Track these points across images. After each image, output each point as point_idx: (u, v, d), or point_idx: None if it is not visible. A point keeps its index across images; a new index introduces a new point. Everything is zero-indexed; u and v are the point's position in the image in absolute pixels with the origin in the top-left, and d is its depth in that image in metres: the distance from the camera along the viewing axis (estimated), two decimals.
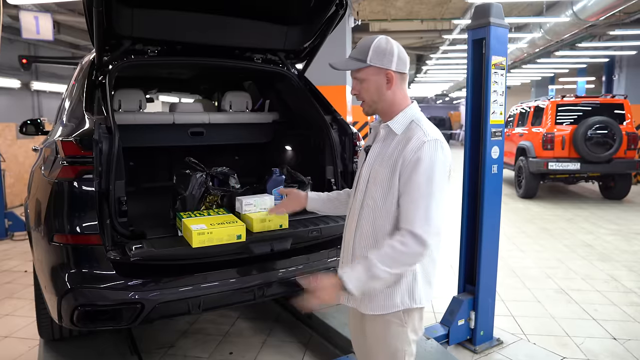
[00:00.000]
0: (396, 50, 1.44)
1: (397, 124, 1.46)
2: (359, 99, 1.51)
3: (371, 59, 1.43)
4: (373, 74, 1.44)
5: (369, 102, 1.49)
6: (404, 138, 1.43)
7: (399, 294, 1.46)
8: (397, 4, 9.84)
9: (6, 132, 7.55)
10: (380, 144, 1.50)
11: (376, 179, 1.45)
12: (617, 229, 6.04)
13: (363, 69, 1.45)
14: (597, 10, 7.29)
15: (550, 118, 7.83)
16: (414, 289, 1.47)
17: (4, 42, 7.17)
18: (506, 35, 2.75)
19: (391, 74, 1.44)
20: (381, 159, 1.46)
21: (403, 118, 1.46)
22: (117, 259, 1.91)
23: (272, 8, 2.60)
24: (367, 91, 1.47)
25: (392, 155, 1.43)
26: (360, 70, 1.45)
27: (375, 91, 1.46)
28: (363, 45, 1.45)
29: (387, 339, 1.49)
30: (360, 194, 1.51)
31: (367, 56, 1.43)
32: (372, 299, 1.47)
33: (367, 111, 1.52)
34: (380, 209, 1.44)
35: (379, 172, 1.45)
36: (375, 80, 1.45)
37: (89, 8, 2.00)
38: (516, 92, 25.88)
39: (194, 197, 2.18)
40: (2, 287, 4.03)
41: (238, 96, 3.25)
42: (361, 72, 1.45)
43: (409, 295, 1.47)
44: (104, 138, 1.94)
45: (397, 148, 1.43)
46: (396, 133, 1.45)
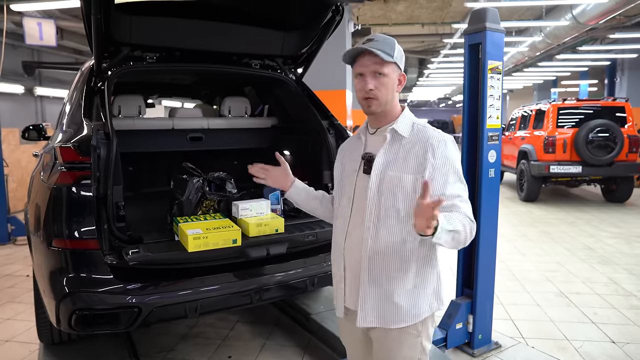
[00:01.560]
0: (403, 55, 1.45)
1: (402, 127, 1.42)
2: (373, 95, 1.39)
3: (396, 57, 1.39)
4: (394, 71, 1.41)
5: (382, 100, 1.41)
6: (417, 141, 1.39)
7: (425, 299, 1.43)
8: (398, 8, 9.88)
9: (10, 137, 7.61)
10: (386, 150, 1.42)
11: (394, 186, 1.38)
12: (619, 232, 6.02)
13: (389, 63, 1.39)
14: (596, 14, 7.32)
15: (552, 121, 7.83)
16: (440, 290, 1.48)
17: (7, 48, 7.24)
18: (502, 40, 2.76)
19: (404, 76, 1.45)
20: (395, 165, 1.39)
21: (405, 121, 1.44)
22: (114, 264, 1.93)
23: (269, 14, 2.63)
24: (385, 87, 1.40)
25: (412, 159, 1.37)
26: (386, 64, 1.38)
27: (391, 90, 1.41)
28: (387, 40, 1.39)
29: (402, 351, 1.44)
30: (371, 205, 1.40)
31: (394, 52, 1.39)
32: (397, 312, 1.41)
33: (375, 109, 1.42)
34: (406, 217, 1.37)
35: (397, 178, 1.38)
36: (394, 79, 1.41)
37: (88, 15, 2.03)
38: (518, 95, 25.86)
39: (190, 202, 2.20)
40: (4, 291, 4.06)
41: (237, 102, 3.28)
42: (387, 66, 1.38)
43: (437, 297, 1.47)
44: (101, 144, 1.97)
45: (414, 150, 1.38)
46: (404, 136, 1.41)
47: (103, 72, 2.39)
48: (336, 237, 1.54)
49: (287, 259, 2.25)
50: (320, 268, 2.34)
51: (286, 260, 2.25)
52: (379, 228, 1.40)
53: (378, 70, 1.37)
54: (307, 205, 1.72)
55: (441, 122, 30.44)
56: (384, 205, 1.39)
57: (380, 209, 1.40)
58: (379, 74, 1.38)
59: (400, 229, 1.39)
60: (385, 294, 1.41)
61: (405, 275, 1.41)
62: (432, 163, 1.35)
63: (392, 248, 1.39)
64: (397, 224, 1.39)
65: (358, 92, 1.43)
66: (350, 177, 1.50)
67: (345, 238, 1.48)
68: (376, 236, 1.40)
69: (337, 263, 1.53)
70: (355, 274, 1.45)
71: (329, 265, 2.36)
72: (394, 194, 1.38)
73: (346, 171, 1.54)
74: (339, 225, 1.53)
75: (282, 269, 2.23)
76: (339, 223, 1.53)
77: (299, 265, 2.29)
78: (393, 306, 1.40)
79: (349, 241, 1.47)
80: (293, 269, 2.27)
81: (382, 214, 1.39)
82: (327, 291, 3.34)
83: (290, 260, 2.27)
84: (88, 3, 1.95)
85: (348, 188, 1.50)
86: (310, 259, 2.33)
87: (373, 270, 1.41)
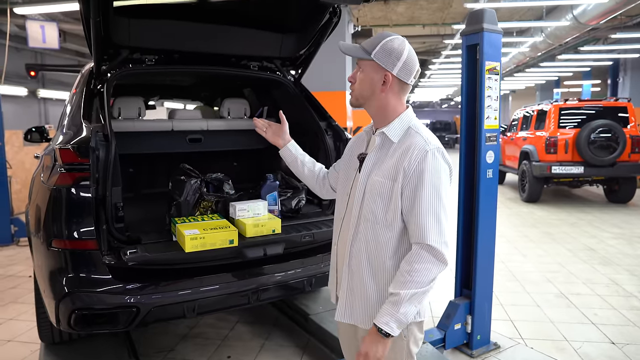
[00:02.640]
0: (404, 57, 1.37)
1: (393, 131, 1.40)
2: (351, 87, 1.47)
3: (376, 55, 1.37)
4: (372, 69, 1.39)
5: (356, 94, 1.44)
6: (402, 146, 1.37)
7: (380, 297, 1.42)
8: (398, 9, 9.90)
9: (13, 139, 7.66)
10: (376, 153, 1.42)
11: (375, 190, 1.38)
12: (621, 232, 6.00)
13: (365, 60, 1.40)
14: (596, 14, 7.31)
15: (554, 122, 7.81)
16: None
17: (11, 51, 7.30)
18: (499, 40, 2.77)
19: (389, 76, 1.38)
20: (379, 169, 1.39)
21: (399, 124, 1.40)
22: (112, 264, 1.95)
23: (267, 17, 2.65)
24: (360, 82, 1.42)
25: (392, 165, 1.36)
26: (362, 60, 1.42)
27: (368, 87, 1.40)
28: (376, 39, 1.41)
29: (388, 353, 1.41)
30: (356, 205, 1.43)
31: (374, 50, 1.38)
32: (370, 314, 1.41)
33: (352, 102, 1.49)
34: (381, 222, 1.38)
35: (378, 183, 1.38)
36: (372, 77, 1.39)
37: (87, 19, 2.06)
38: (521, 96, 25.83)
39: (188, 202, 2.22)
40: (7, 292, 4.09)
41: (236, 103, 3.30)
42: (363, 63, 1.41)
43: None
44: (100, 145, 1.99)
45: (396, 157, 1.36)
46: (392, 141, 1.39)
47: (102, 74, 2.41)
48: (334, 228, 1.59)
49: (284, 260, 2.26)
50: (318, 268, 2.35)
51: (284, 260, 2.26)
52: (357, 230, 1.42)
53: (360, 65, 1.43)
54: (295, 168, 1.79)
55: (444, 123, 30.51)
56: (365, 208, 1.40)
57: (361, 212, 1.41)
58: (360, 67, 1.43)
59: (376, 235, 1.39)
60: (360, 294, 1.43)
61: (380, 279, 1.40)
62: (406, 169, 1.32)
63: (367, 251, 1.41)
64: (373, 229, 1.39)
65: None
66: (350, 174, 1.53)
67: (339, 231, 1.53)
68: (356, 237, 1.43)
69: (333, 252, 1.58)
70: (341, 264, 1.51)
71: (326, 265, 2.38)
72: (374, 198, 1.38)
73: (349, 167, 1.57)
74: (336, 219, 1.58)
75: (279, 270, 2.24)
76: (336, 217, 1.58)
77: (297, 265, 2.30)
78: (366, 307, 1.42)
79: (341, 235, 1.52)
80: (290, 270, 2.28)
81: (362, 216, 1.41)
82: (326, 292, 3.35)
83: (288, 261, 2.28)
84: (87, 6, 1.97)
85: (346, 184, 1.53)
86: (308, 260, 2.34)
87: (351, 269, 1.45)
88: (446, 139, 28.02)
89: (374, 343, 1.31)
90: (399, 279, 1.32)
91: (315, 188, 1.79)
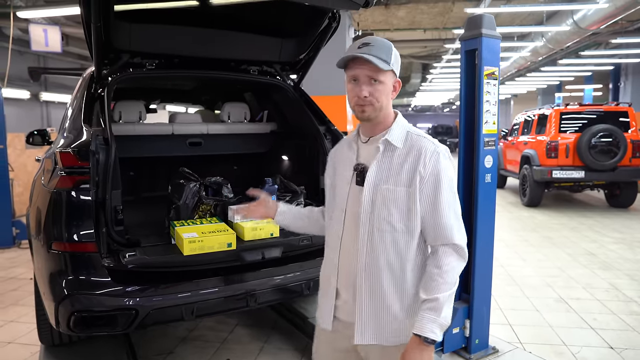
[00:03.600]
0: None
1: (395, 137, 1.36)
2: (368, 102, 1.33)
3: (393, 64, 1.33)
4: (390, 78, 1.35)
5: (377, 106, 1.34)
6: (411, 151, 1.34)
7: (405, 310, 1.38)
8: (399, 13, 9.93)
9: (15, 142, 7.70)
10: (379, 162, 1.36)
11: (388, 199, 1.33)
12: (622, 237, 5.99)
13: (386, 71, 1.33)
14: (597, 19, 7.33)
15: (554, 126, 7.82)
16: None
17: (14, 54, 7.35)
18: (498, 46, 2.78)
19: (399, 82, 1.39)
20: (387, 177, 1.34)
21: (399, 129, 1.38)
22: (112, 266, 1.96)
23: (267, 21, 2.67)
24: (380, 94, 1.34)
25: (406, 171, 1.33)
26: (383, 71, 1.32)
27: (386, 97, 1.35)
28: (385, 46, 1.34)
29: None
30: (364, 219, 1.35)
31: (391, 59, 1.33)
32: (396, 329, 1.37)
33: (369, 115, 1.36)
34: (400, 230, 1.34)
35: (391, 191, 1.33)
36: (389, 86, 1.36)
37: (88, 23, 2.08)
38: (522, 100, 25.85)
39: (187, 206, 2.23)
40: (8, 294, 4.11)
41: (236, 107, 3.32)
42: (383, 73, 1.32)
43: None
44: (100, 149, 2.01)
45: (408, 163, 1.33)
46: (397, 147, 1.35)
47: (103, 78, 2.44)
48: (329, 250, 1.48)
49: (282, 263, 2.27)
50: (316, 272, 2.35)
51: (282, 264, 2.27)
52: (373, 243, 1.35)
53: (374, 76, 1.32)
54: (296, 226, 1.68)
55: (445, 127, 30.54)
56: (378, 219, 1.34)
57: (374, 224, 1.34)
58: (374, 80, 1.32)
59: (396, 244, 1.34)
60: (383, 310, 1.36)
61: (402, 290, 1.36)
62: (422, 172, 1.31)
63: (387, 263, 1.35)
64: (392, 239, 1.34)
65: (351, 98, 1.37)
66: (343, 188, 1.44)
67: (339, 252, 1.42)
68: (372, 251, 1.35)
69: (328, 277, 1.47)
70: (350, 288, 1.40)
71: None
72: (388, 208, 1.33)
73: (338, 181, 1.47)
74: (331, 238, 1.47)
75: (277, 273, 2.25)
76: (332, 236, 1.47)
77: (295, 269, 2.31)
78: (391, 323, 1.36)
79: (343, 255, 1.41)
80: (289, 273, 2.29)
81: (377, 228, 1.34)
82: None
83: (286, 264, 2.29)
84: (88, 11, 1.99)
85: (340, 200, 1.44)
86: (306, 263, 2.35)
87: (370, 286, 1.36)
88: (448, 143, 28.00)
89: (420, 353, 1.28)
90: (431, 284, 1.30)
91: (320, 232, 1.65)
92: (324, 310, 1.48)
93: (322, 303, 1.50)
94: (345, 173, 1.44)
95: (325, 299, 1.48)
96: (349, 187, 1.41)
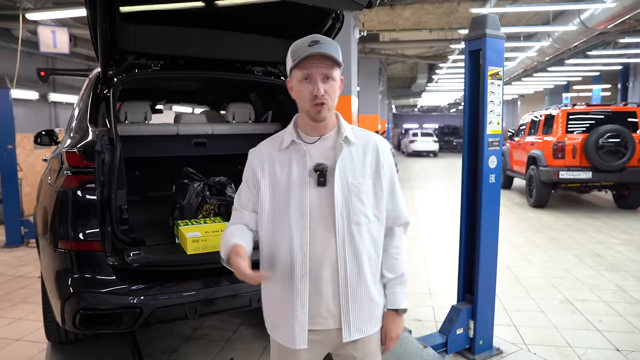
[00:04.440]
0: None
1: (350, 133, 1.38)
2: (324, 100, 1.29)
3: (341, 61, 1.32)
4: (339, 75, 1.35)
5: (331, 105, 1.32)
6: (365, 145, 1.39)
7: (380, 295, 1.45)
8: (404, 14, 9.92)
9: (24, 142, 7.79)
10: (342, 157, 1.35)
11: (361, 193, 1.36)
12: (629, 238, 5.94)
13: (338, 67, 1.32)
14: (604, 18, 7.28)
15: (561, 126, 7.77)
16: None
17: (23, 55, 7.44)
18: (502, 46, 2.78)
19: (342, 79, 1.37)
20: (354, 172, 1.36)
21: (347, 125, 1.40)
22: (116, 265, 1.99)
23: (271, 22, 2.68)
24: (334, 92, 1.33)
25: (367, 164, 1.38)
26: (336, 68, 1.31)
27: (337, 94, 1.35)
28: (333, 43, 1.31)
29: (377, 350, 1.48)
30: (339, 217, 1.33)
31: (339, 55, 1.32)
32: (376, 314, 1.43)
33: (324, 116, 1.32)
34: (374, 221, 1.39)
35: (362, 184, 1.36)
36: (339, 83, 1.34)
37: (94, 25, 2.11)
38: (530, 100, 25.69)
39: (191, 205, 2.25)
40: (16, 292, 4.16)
41: (241, 107, 3.33)
42: (336, 70, 1.32)
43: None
44: (106, 149, 2.03)
45: (367, 155, 1.39)
46: (354, 142, 1.38)
47: (109, 79, 2.46)
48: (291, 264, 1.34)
49: None
50: None
51: None
52: (353, 239, 1.34)
53: (328, 74, 1.29)
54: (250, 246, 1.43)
55: (452, 128, 30.36)
56: (354, 214, 1.34)
57: (350, 220, 1.34)
58: (327, 78, 1.30)
59: (371, 235, 1.39)
60: (366, 302, 1.40)
61: (376, 277, 1.44)
62: (382, 163, 1.40)
63: (367, 255, 1.38)
64: (368, 230, 1.38)
65: (306, 97, 1.30)
66: (300, 191, 1.34)
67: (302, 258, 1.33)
68: (351, 247, 1.34)
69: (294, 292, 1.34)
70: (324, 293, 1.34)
71: None
72: (361, 200, 1.36)
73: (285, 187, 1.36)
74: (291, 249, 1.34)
75: None
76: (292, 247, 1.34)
77: None
78: (373, 310, 1.42)
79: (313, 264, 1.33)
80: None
81: (354, 223, 1.35)
82: None
83: None
84: (94, 13, 2.02)
85: (299, 206, 1.33)
86: None
87: (353, 282, 1.36)
88: (454, 143, 27.83)
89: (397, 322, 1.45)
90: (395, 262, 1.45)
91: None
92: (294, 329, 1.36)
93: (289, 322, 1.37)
94: (294, 177, 1.35)
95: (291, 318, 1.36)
96: (307, 189, 1.33)
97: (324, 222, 1.34)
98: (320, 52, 1.27)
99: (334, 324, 1.39)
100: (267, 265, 1.41)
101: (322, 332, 1.39)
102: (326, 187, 1.34)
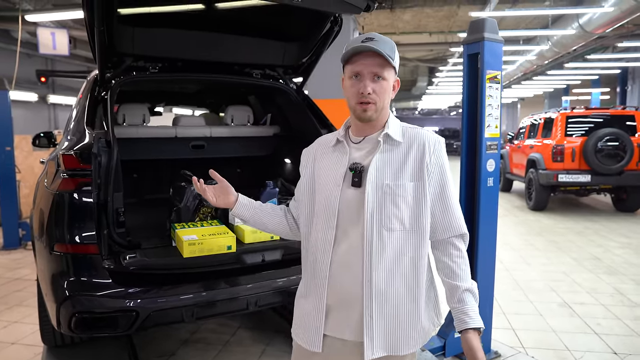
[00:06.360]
0: None
1: (395, 131, 1.30)
2: (371, 99, 1.26)
3: (395, 61, 1.27)
4: (392, 76, 1.30)
5: (380, 105, 1.28)
6: (410, 144, 1.30)
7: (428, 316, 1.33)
8: (404, 17, 9.95)
9: (23, 144, 7.78)
10: (380, 158, 1.28)
11: (397, 196, 1.25)
12: (628, 242, 5.94)
13: (390, 67, 1.27)
14: (602, 22, 7.30)
15: (560, 130, 7.78)
16: (438, 302, 1.39)
17: (22, 57, 7.44)
18: (500, 49, 2.78)
19: (398, 82, 1.34)
20: (391, 173, 1.27)
21: (396, 124, 1.33)
22: (113, 268, 1.98)
23: (270, 25, 2.69)
24: (384, 92, 1.27)
25: (408, 165, 1.28)
26: (388, 67, 1.26)
27: (388, 96, 1.29)
28: (389, 41, 1.26)
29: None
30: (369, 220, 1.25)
31: (395, 55, 1.26)
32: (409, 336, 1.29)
33: (371, 115, 1.28)
34: (412, 229, 1.26)
35: (399, 187, 1.26)
36: (391, 84, 1.30)
37: (91, 27, 2.10)
38: (529, 103, 25.72)
39: (188, 208, 2.25)
40: (13, 295, 4.14)
41: (240, 110, 3.33)
42: (387, 69, 1.26)
43: (436, 311, 1.38)
44: (102, 152, 2.02)
45: (410, 156, 1.28)
46: (398, 141, 1.30)
47: (107, 81, 2.46)
48: (314, 262, 1.33)
49: (283, 265, 2.27)
50: None
51: (283, 266, 2.27)
52: (383, 246, 1.25)
53: (378, 72, 1.25)
54: (254, 222, 1.53)
55: (452, 130, 30.44)
56: (387, 219, 1.25)
57: (382, 225, 1.24)
58: (378, 77, 1.25)
59: (408, 244, 1.27)
60: (395, 320, 1.27)
61: (415, 294, 1.29)
62: (428, 163, 1.28)
63: (400, 267, 1.26)
64: (403, 239, 1.26)
65: (352, 95, 1.28)
66: (331, 192, 1.31)
67: (330, 263, 1.29)
68: (381, 255, 1.24)
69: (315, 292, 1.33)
70: (348, 302, 1.28)
71: None
72: (396, 204, 1.25)
73: (322, 185, 1.35)
74: (316, 248, 1.33)
75: (278, 275, 2.25)
76: (317, 246, 1.33)
77: (296, 271, 2.31)
78: (404, 331, 1.28)
79: (336, 266, 1.29)
80: (291, 276, 2.29)
81: (386, 229, 1.24)
82: None
83: (287, 267, 2.29)
84: (92, 15, 2.02)
85: (328, 205, 1.31)
86: None
87: (381, 294, 1.25)
88: (454, 146, 27.88)
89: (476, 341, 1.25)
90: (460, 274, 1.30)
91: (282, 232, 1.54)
92: (310, 330, 1.33)
93: (307, 323, 1.35)
94: (332, 175, 1.33)
95: (310, 318, 1.34)
96: (340, 190, 1.30)
97: (354, 224, 1.27)
98: (370, 48, 1.22)
99: (355, 336, 1.28)
100: (304, 261, 1.42)
101: (342, 341, 1.31)
102: (361, 188, 1.28)
